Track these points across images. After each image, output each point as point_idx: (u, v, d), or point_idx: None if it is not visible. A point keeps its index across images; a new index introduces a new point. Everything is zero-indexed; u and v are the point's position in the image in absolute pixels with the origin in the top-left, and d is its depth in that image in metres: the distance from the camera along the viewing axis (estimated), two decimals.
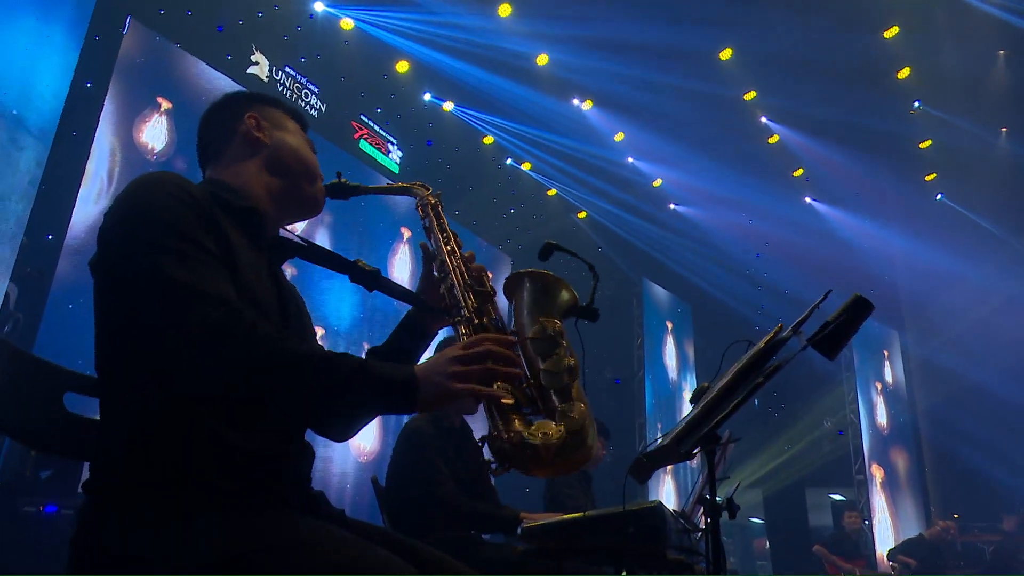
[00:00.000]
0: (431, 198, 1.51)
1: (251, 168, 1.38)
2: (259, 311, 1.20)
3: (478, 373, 1.09)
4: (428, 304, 1.45)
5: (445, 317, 1.36)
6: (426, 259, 1.47)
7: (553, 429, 1.09)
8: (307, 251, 1.40)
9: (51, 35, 4.53)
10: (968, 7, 7.62)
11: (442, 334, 1.61)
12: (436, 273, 1.40)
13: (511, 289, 1.35)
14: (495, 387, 1.10)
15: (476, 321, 1.24)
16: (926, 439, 11.22)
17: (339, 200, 1.53)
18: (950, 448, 10.49)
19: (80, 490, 1.13)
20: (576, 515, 2.42)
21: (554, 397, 1.15)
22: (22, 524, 3.70)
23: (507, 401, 1.10)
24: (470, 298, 1.29)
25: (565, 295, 1.33)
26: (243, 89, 1.59)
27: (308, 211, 1.45)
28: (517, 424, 1.09)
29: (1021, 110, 8.69)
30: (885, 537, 9.47)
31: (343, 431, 1.46)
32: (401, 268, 7.44)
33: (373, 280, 1.40)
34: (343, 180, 1.52)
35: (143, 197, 1.17)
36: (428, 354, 1.54)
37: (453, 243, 1.41)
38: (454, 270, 1.34)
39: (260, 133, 1.40)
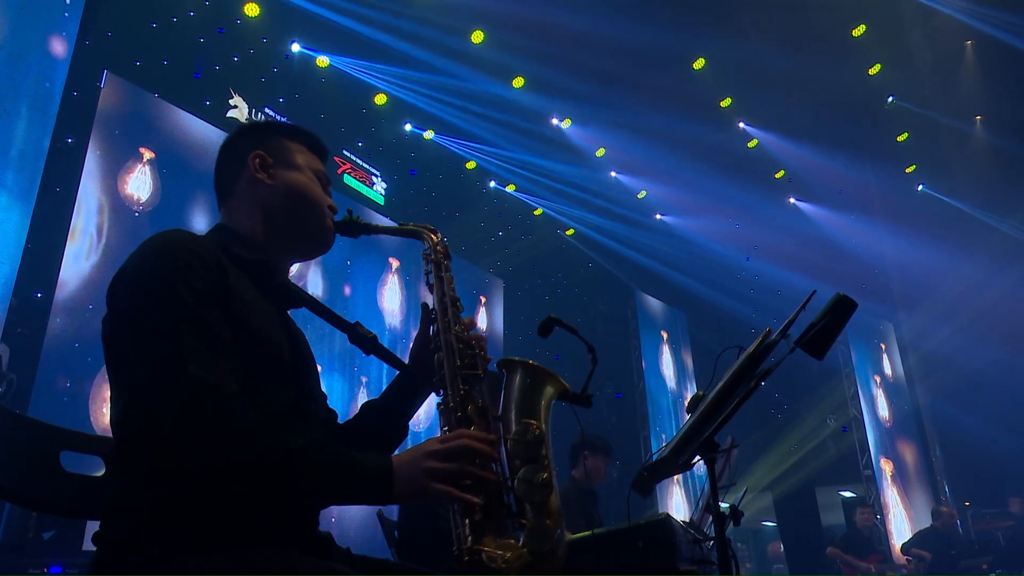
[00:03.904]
0: (439, 247, 1.48)
1: (257, 211, 1.38)
2: (272, 357, 1.24)
3: (453, 472, 1.10)
4: (418, 374, 1.48)
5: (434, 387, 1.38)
6: (424, 318, 1.47)
7: (514, 552, 1.09)
8: (314, 305, 1.43)
9: (28, 93, 4.56)
10: (930, 8, 7.79)
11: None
12: (432, 332, 1.40)
13: (506, 370, 1.34)
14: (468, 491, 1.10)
15: (459, 413, 1.24)
16: (930, 429, 11.22)
17: (349, 238, 1.50)
18: (955, 435, 10.49)
19: (91, 542, 1.13)
20: (584, 533, 2.41)
21: (528, 508, 1.14)
22: None
23: (476, 513, 1.10)
24: (459, 383, 1.28)
25: (557, 387, 1.31)
26: (257, 121, 1.48)
27: (316, 251, 1.46)
28: (481, 542, 1.09)
29: (993, 97, 8.82)
30: (902, 530, 9.42)
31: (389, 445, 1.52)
32: (391, 299, 7.44)
33: (370, 345, 1.44)
34: (354, 217, 1.49)
35: (151, 268, 1.18)
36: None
37: (451, 311, 1.38)
38: (447, 347, 1.33)
39: (264, 174, 1.39)
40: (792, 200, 10.58)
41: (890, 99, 9.07)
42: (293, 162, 1.42)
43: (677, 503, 9.04)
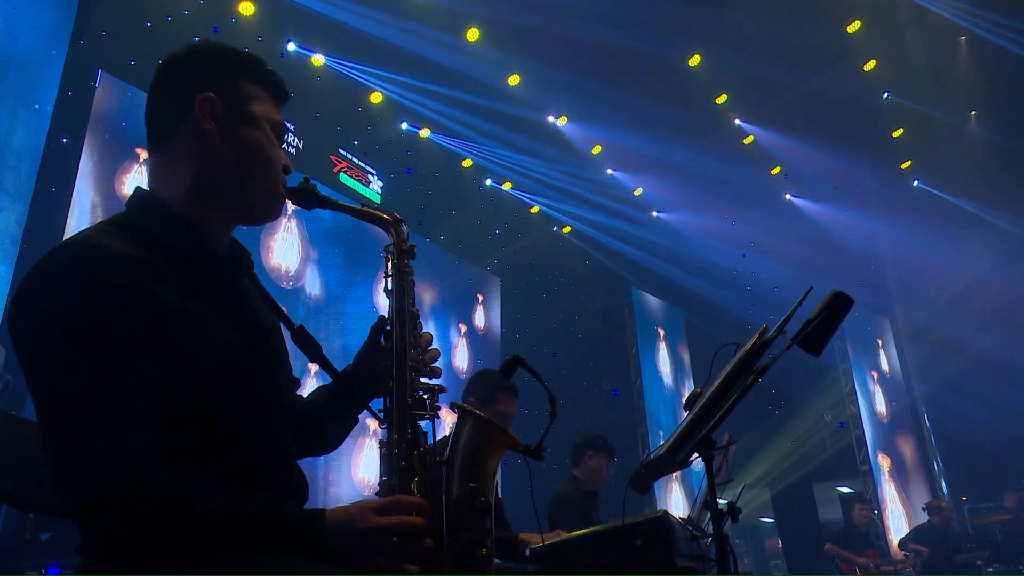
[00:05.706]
0: (404, 245, 1.37)
1: (196, 170, 1.19)
2: (222, 365, 1.13)
3: (387, 548, 1.05)
4: (364, 376, 1.41)
5: (375, 395, 1.32)
6: (378, 328, 1.36)
7: None
8: (264, 294, 1.32)
9: (23, 93, 4.54)
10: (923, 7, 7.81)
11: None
12: (383, 341, 1.31)
13: (458, 415, 1.26)
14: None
15: (403, 461, 1.17)
16: (928, 423, 11.25)
17: (302, 208, 1.34)
18: (953, 430, 10.53)
19: (75, 552, 1.13)
20: (583, 531, 2.42)
21: None
22: None
23: None
24: (406, 426, 1.20)
25: (507, 443, 1.24)
26: (210, 44, 1.28)
27: (262, 219, 1.28)
28: None
29: (987, 92, 8.84)
30: (899, 525, 9.45)
31: (322, 448, 1.48)
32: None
33: (314, 352, 1.34)
34: (311, 186, 1.31)
35: (52, 297, 1.03)
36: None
37: (409, 329, 1.28)
38: (399, 382, 1.23)
39: (212, 125, 1.18)
40: (788, 196, 10.59)
41: (885, 95, 9.08)
42: (249, 113, 1.22)
43: (676, 500, 9.05)
